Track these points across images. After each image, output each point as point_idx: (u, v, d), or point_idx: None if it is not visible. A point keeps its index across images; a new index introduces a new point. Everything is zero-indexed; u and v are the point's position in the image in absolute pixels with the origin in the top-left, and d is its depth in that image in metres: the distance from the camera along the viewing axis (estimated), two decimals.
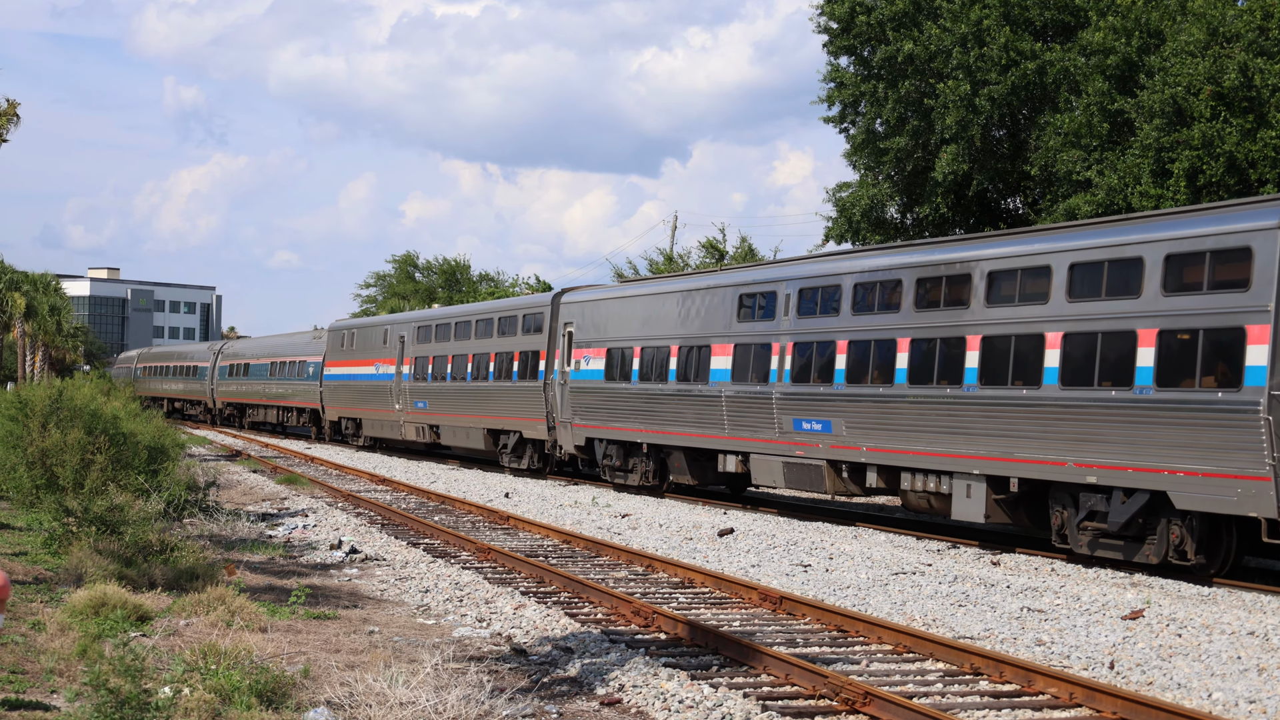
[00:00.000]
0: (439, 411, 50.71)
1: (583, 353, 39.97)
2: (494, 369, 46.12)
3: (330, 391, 63.79)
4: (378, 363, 57.36)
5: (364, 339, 60.21)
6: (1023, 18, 43.45)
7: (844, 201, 48.47)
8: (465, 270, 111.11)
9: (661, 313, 36.38)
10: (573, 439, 40.38)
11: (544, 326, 42.83)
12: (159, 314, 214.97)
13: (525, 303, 46.13)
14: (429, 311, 57.58)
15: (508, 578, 21.77)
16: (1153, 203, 34.81)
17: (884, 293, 28.47)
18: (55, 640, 14.38)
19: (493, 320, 47.42)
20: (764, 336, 31.89)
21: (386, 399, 55.90)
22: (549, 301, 43.15)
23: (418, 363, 53.27)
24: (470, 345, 48.73)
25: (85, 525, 20.70)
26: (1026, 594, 20.55)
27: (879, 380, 28.12)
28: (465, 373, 48.59)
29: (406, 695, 12.36)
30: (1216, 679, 14.89)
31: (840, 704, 13.29)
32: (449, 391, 49.92)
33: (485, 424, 46.59)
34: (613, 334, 38.61)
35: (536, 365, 42.81)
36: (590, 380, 39.33)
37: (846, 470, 29.35)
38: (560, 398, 41.03)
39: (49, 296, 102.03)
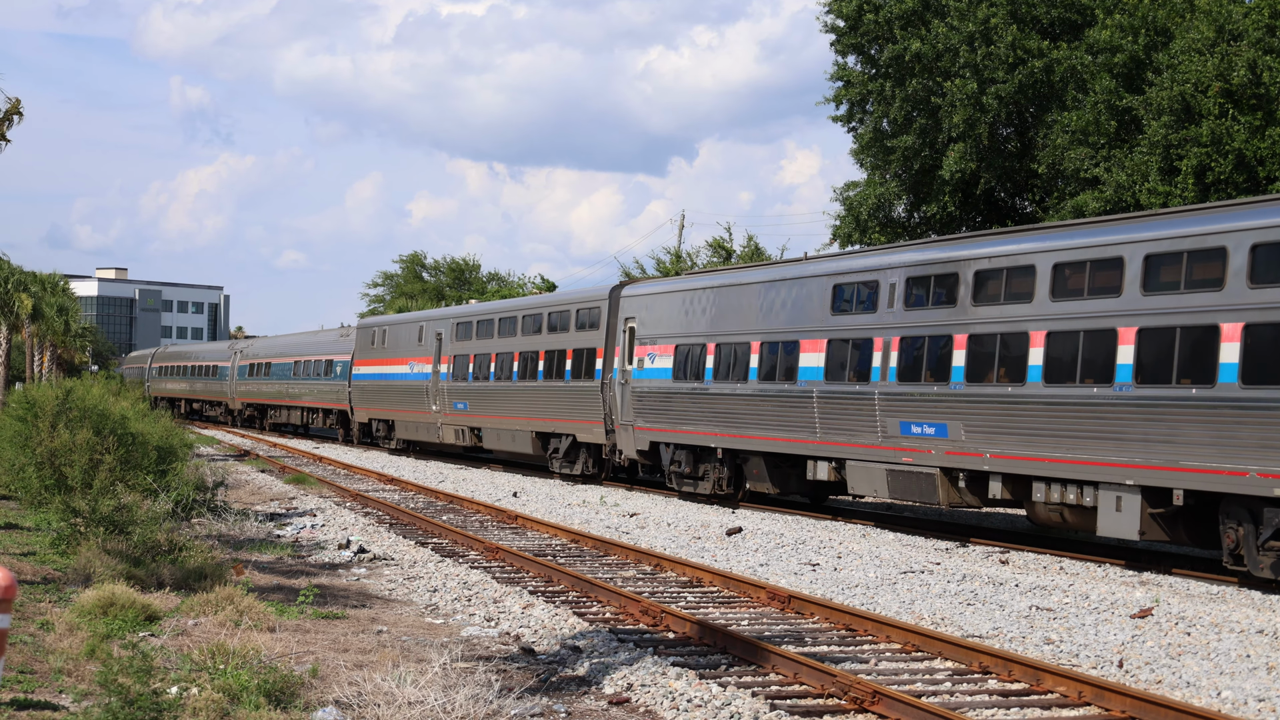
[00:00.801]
0: (481, 413, 47.73)
1: (647, 350, 37.08)
2: (544, 368, 43.25)
3: (360, 392, 60.72)
4: (412, 361, 54.26)
5: (397, 336, 57.00)
6: (1030, 16, 43.46)
7: (851, 200, 48.48)
8: (475, 270, 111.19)
9: (740, 306, 33.42)
10: (635, 443, 37.50)
11: (601, 322, 40.00)
12: (167, 314, 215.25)
13: (579, 296, 43.34)
14: (470, 307, 54.17)
15: (516, 577, 21.75)
16: (1160, 200, 34.78)
17: (1012, 282, 25.60)
18: (63, 640, 14.38)
19: (542, 315, 44.31)
20: (864, 330, 29.00)
21: (422, 400, 52.88)
22: (606, 295, 40.20)
23: (457, 361, 50.12)
24: (516, 342, 45.71)
25: (93, 525, 20.71)
26: (1035, 593, 20.53)
27: (1006, 379, 25.35)
28: (511, 372, 45.63)
29: (415, 694, 12.35)
30: (1226, 677, 14.86)
31: (849, 703, 13.27)
32: (492, 392, 46.95)
33: (533, 427, 43.62)
34: (682, 329, 35.64)
35: (593, 364, 40.08)
36: (656, 380, 36.47)
37: (964, 479, 26.47)
38: (620, 399, 38.22)
39: (57, 297, 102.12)
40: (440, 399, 51.01)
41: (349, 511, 31.58)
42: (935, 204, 45.07)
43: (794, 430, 30.93)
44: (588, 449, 41.02)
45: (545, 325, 43.73)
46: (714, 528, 28.62)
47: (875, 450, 28.55)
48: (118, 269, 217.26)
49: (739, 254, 71.29)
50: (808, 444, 30.58)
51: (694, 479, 35.08)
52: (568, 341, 41.86)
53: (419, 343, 53.80)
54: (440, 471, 46.06)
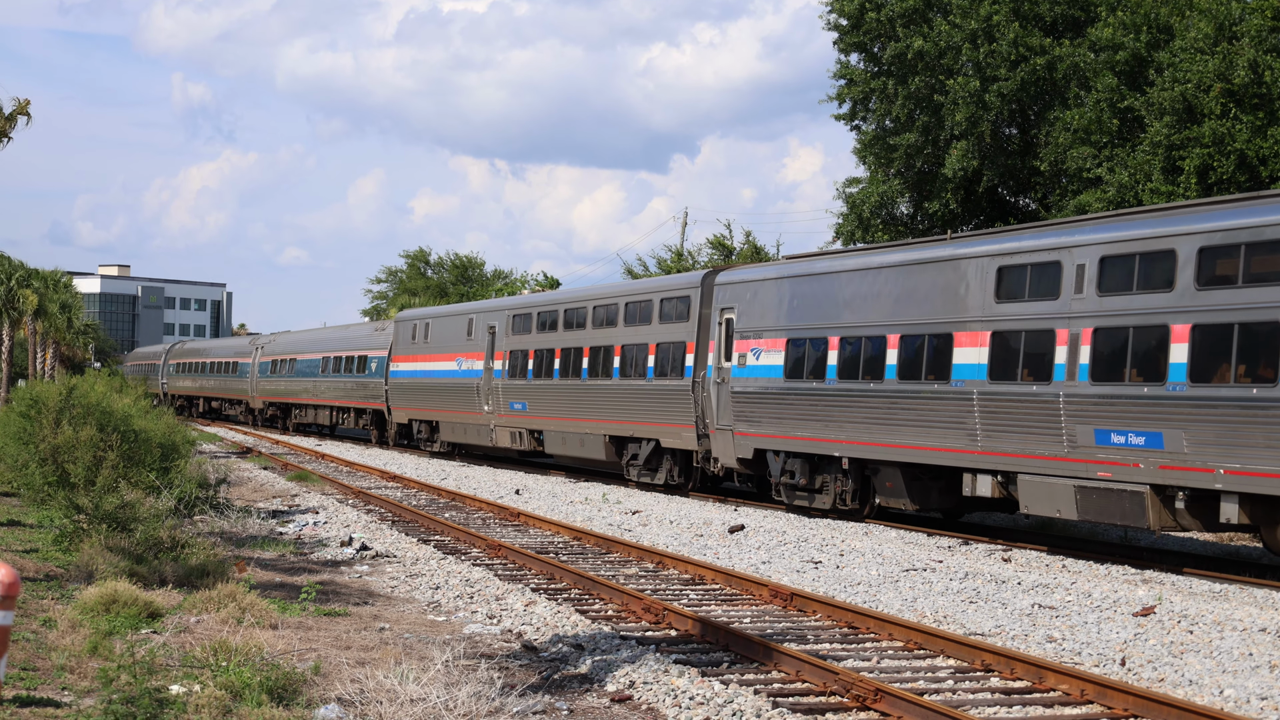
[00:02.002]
0: (543, 414, 43.48)
1: (750, 344, 32.82)
2: (620, 365, 39.02)
3: (398, 390, 56.20)
4: (460, 357, 49.83)
5: (442, 330, 52.47)
6: (1032, 13, 43.45)
7: (854, 198, 48.47)
8: (479, 267, 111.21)
9: (872, 292, 29.27)
10: (735, 450, 33.29)
11: (691, 313, 35.85)
12: (169, 311, 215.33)
13: (663, 285, 39.20)
14: (529, 297, 49.56)
15: (518, 574, 21.76)
16: (1163, 199, 34.77)
17: (1255, 260, 21.31)
18: (66, 637, 14.39)
19: (617, 306, 39.95)
20: (1042, 320, 24.79)
21: (472, 399, 48.41)
22: (698, 282, 35.98)
23: (514, 357, 45.66)
24: (586, 336, 41.30)
25: (96, 522, 20.73)
26: (1038, 591, 20.53)
27: (1248, 378, 21.06)
28: (580, 369, 41.24)
29: (417, 692, 12.36)
30: (1228, 676, 14.86)
31: (851, 701, 13.28)
32: (557, 391, 42.61)
33: (607, 430, 39.43)
34: (795, 320, 31.36)
35: (681, 360, 35.93)
36: (762, 378, 32.22)
37: (1184, 499, 22.25)
38: (716, 400, 34.03)
39: (59, 294, 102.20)
40: (494, 399, 46.90)
41: (351, 509, 31.59)
42: (937, 202, 45.08)
43: (945, 437, 26.86)
44: (673, 456, 37.05)
45: (622, 317, 39.51)
46: (716, 525, 28.62)
47: (1059, 463, 24.29)
48: (120, 266, 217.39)
49: (738, 252, 71.25)
50: (965, 454, 26.39)
51: (809, 491, 31.16)
52: (650, 335, 37.75)
53: (468, 337, 49.62)
54: (442, 469, 46.06)
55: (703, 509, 32.26)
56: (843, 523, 29.62)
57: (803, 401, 30.81)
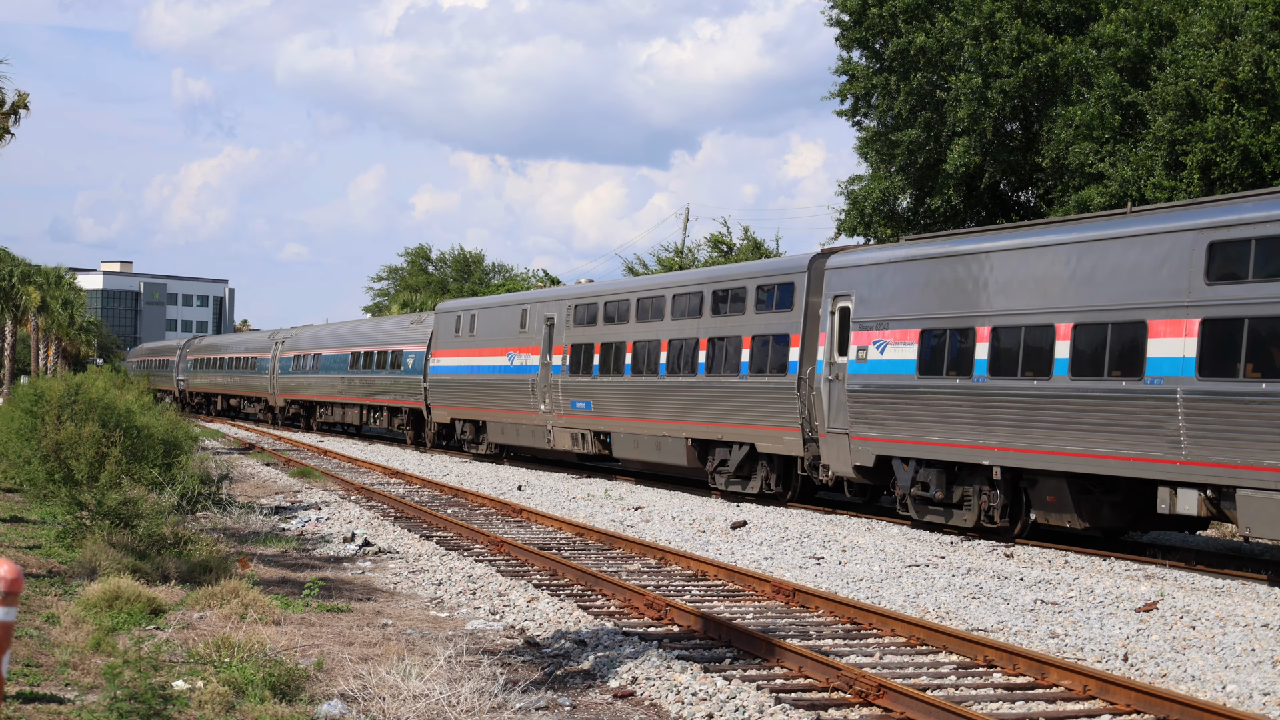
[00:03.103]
0: (610, 415, 39.63)
1: (872, 336, 28.79)
2: (705, 359, 35.04)
3: (439, 388, 51.96)
4: (512, 351, 45.83)
5: (491, 322, 48.41)
6: (1034, 10, 43.45)
7: (856, 195, 48.47)
8: (479, 262, 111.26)
9: (1034, 275, 25.26)
10: (851, 457, 29.11)
11: (796, 301, 31.80)
12: (171, 307, 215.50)
13: (761, 270, 35.10)
14: (594, 286, 45.46)
15: (521, 570, 21.77)
16: (1166, 195, 34.78)
17: None
18: (69, 634, 14.40)
19: (703, 294, 35.83)
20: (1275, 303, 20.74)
21: (526, 397, 44.43)
22: (805, 266, 31.85)
23: (576, 351, 41.75)
24: (664, 328, 37.27)
25: (99, 518, 20.74)
26: (1040, 586, 20.53)
27: None
28: (656, 364, 37.29)
29: (420, 688, 12.36)
30: (1230, 671, 14.86)
31: (854, 696, 13.28)
32: (628, 389, 38.63)
33: (689, 433, 35.52)
34: (933, 308, 27.37)
35: (784, 354, 31.88)
36: (889, 375, 28.23)
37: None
38: (828, 399, 29.91)
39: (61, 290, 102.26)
40: (552, 397, 42.95)
41: (354, 505, 31.60)
42: (939, 198, 45.07)
43: (1134, 444, 22.88)
44: (770, 462, 32.85)
45: (709, 306, 35.40)
46: (719, 521, 28.63)
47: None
48: (123, 262, 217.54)
49: (738, 248, 71.21)
50: (1162, 464, 22.37)
51: (945, 506, 27.31)
52: (744, 326, 33.70)
53: (521, 329, 45.54)
54: (445, 465, 46.03)
55: (705, 505, 32.25)
56: (845, 518, 29.62)
57: (942, 402, 26.91)
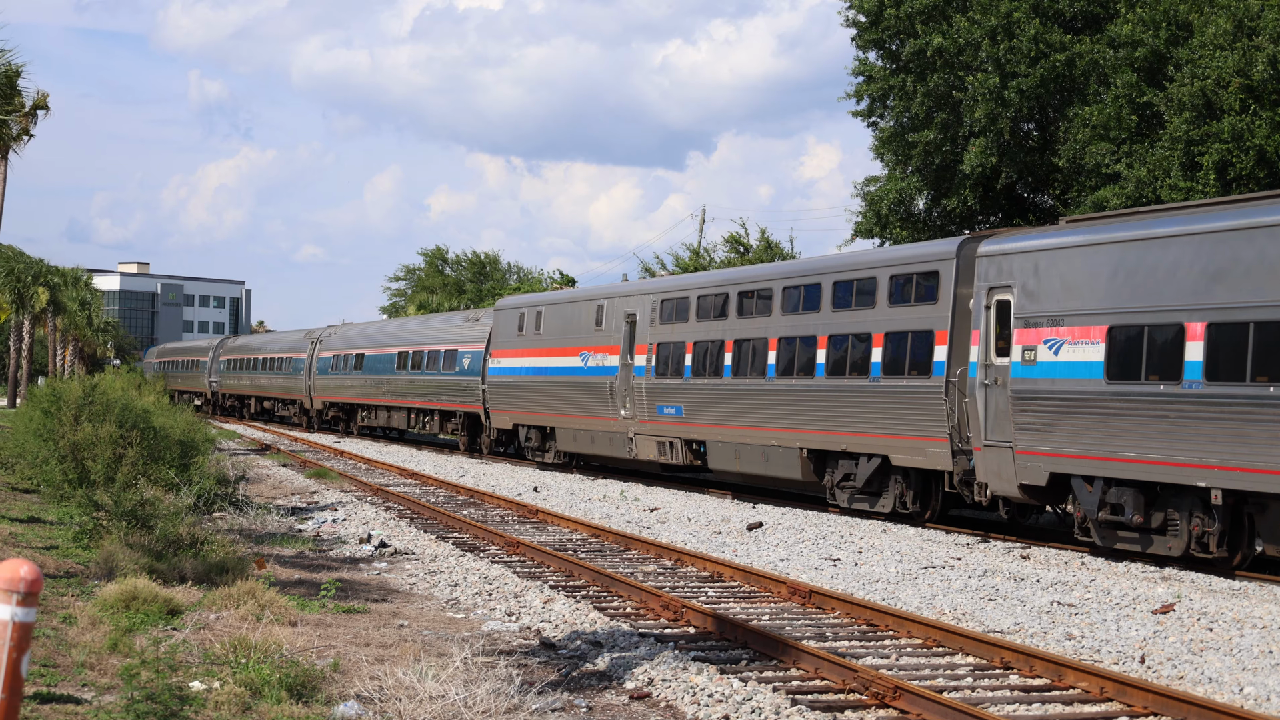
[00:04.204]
0: (705, 421, 35.95)
1: (1043, 333, 25.11)
2: (827, 360, 31.23)
3: (499, 390, 48.31)
4: (586, 351, 42.39)
5: (561, 319, 44.73)
6: (1051, 10, 43.37)
7: (872, 196, 48.43)
8: (495, 264, 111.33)
9: (1267, 259, 21.29)
10: (1017, 473, 25.33)
11: (941, 292, 28.27)
12: (188, 308, 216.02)
13: (895, 257, 31.03)
14: (685, 278, 41.95)
15: (537, 572, 21.77)
16: (1182, 195, 34.72)
17: None
18: (86, 634, 14.43)
19: (820, 286, 32.02)
20: None
21: (603, 402, 41.03)
22: (952, 252, 28.12)
23: (663, 351, 38.13)
24: (772, 324, 33.43)
25: (116, 519, 20.79)
26: (1056, 588, 20.50)
27: None
28: (763, 365, 33.49)
29: (436, 689, 12.37)
30: (1248, 673, 14.83)
31: (870, 698, 13.27)
32: (728, 393, 34.86)
33: (805, 442, 31.80)
34: (1126, 300, 23.56)
35: (927, 354, 28.29)
36: (1067, 379, 24.47)
37: None
38: (985, 406, 26.22)
39: (79, 291, 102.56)
40: (634, 401, 39.36)
41: (370, 506, 31.63)
42: (956, 198, 45.02)
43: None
44: (907, 477, 29.29)
45: (828, 299, 31.59)
46: (735, 523, 28.61)
47: None
48: (140, 263, 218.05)
49: (754, 249, 71.18)
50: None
51: (1143, 531, 23.56)
52: (874, 322, 30.02)
53: (597, 327, 42.04)
54: (461, 466, 46.05)
55: (721, 506, 32.20)
56: (861, 520, 29.56)
57: (1140, 411, 23.25)
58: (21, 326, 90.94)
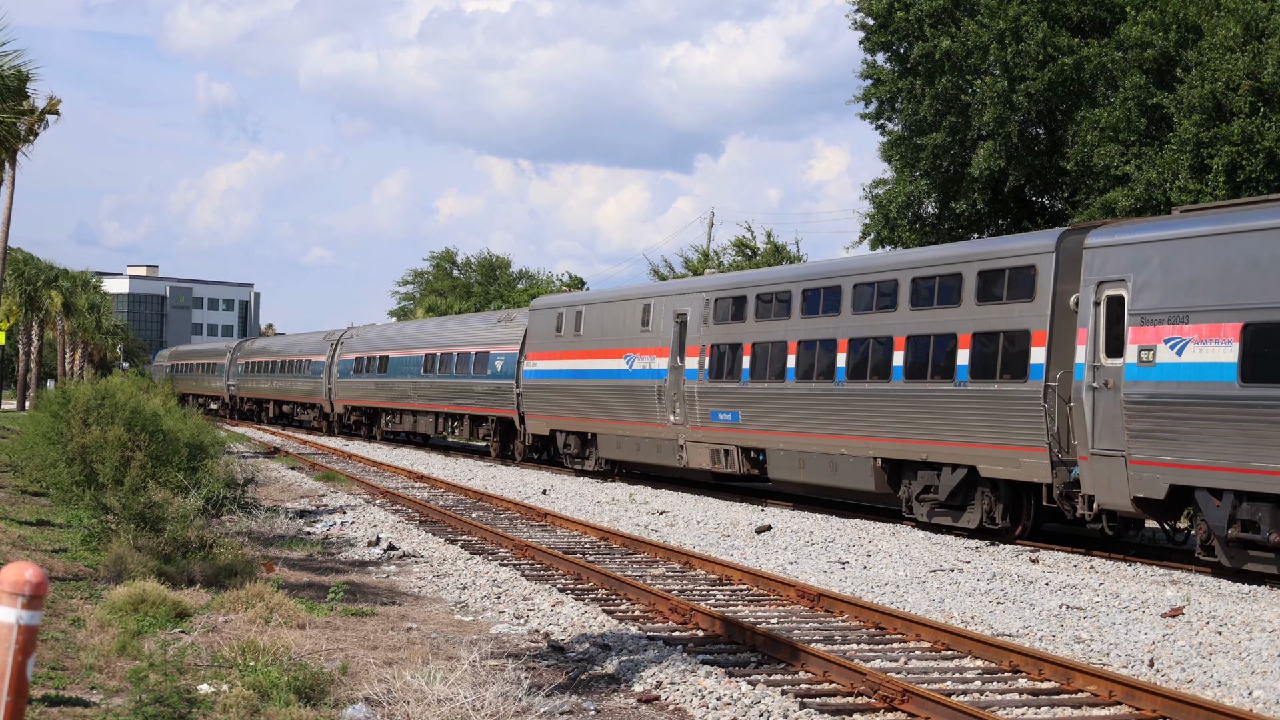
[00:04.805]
0: (765, 428, 33.58)
1: (1162, 332, 22.89)
2: (903, 362, 29.02)
3: (535, 394, 45.87)
4: (631, 353, 40.07)
5: (603, 319, 42.44)
6: (1060, 13, 43.33)
7: (881, 199, 48.40)
8: (505, 267, 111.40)
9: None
10: (1130, 485, 23.03)
11: (1038, 288, 25.96)
12: (197, 311, 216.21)
13: (983, 251, 28.45)
14: (742, 274, 39.33)
15: (545, 574, 21.77)
16: (1191, 198, 34.69)
17: None
18: (94, 637, 14.44)
19: (897, 283, 29.73)
20: None
21: (649, 407, 38.66)
22: (1052, 245, 25.85)
23: (718, 353, 35.76)
24: (842, 324, 31.13)
25: (124, 522, 20.80)
26: (1065, 591, 20.47)
27: None
28: (832, 368, 31.16)
29: (444, 692, 12.37)
30: (1257, 677, 14.81)
31: (878, 701, 13.26)
32: (792, 398, 32.49)
33: (878, 451, 29.58)
34: (1261, 295, 21.24)
35: (1021, 355, 26.08)
36: (1192, 382, 22.18)
37: None
38: (1092, 412, 23.88)
39: (88, 293, 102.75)
40: (684, 406, 37.09)
41: (378, 509, 31.64)
42: (964, 201, 44.99)
43: None
44: (995, 490, 26.99)
45: (906, 296, 29.35)
46: (743, 525, 28.60)
47: None
48: (149, 266, 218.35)
49: (761, 252, 71.16)
50: None
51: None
52: (960, 321, 27.76)
53: (643, 328, 39.80)
54: (469, 469, 46.06)
55: (730, 509, 32.17)
56: (869, 523, 29.53)
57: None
58: (30, 330, 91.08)
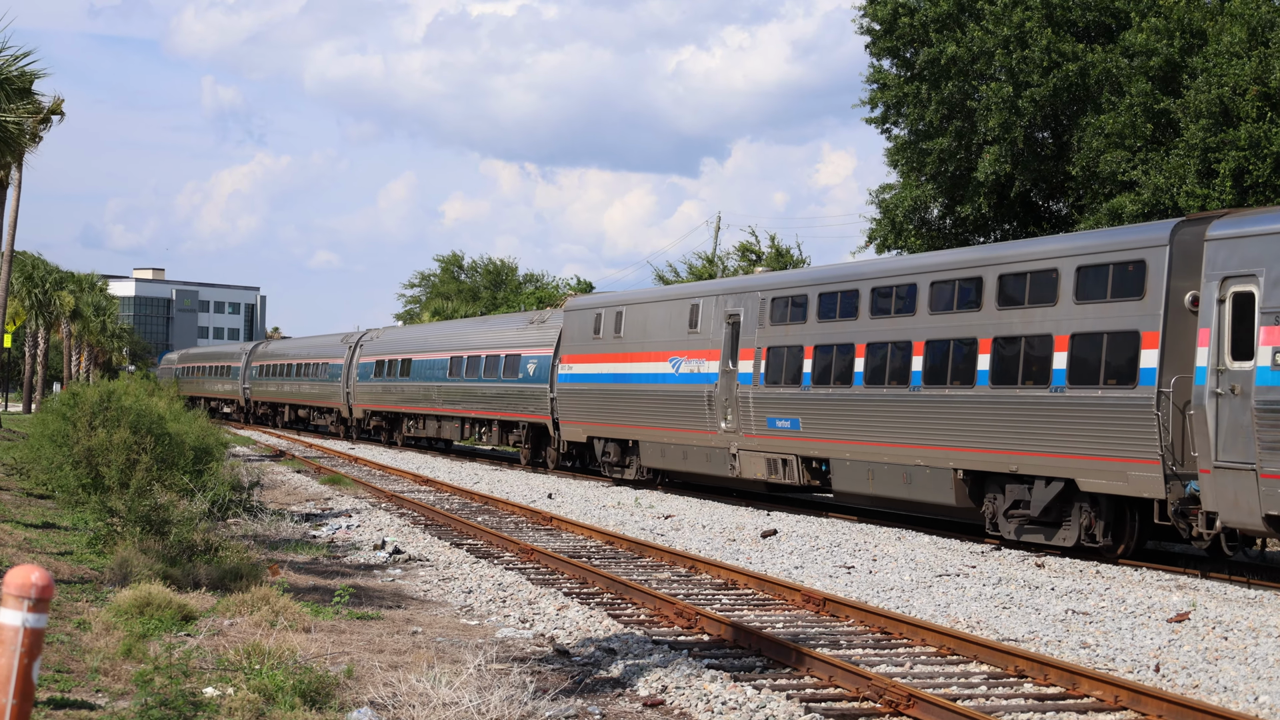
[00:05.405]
0: (830, 436, 31.33)
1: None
2: (990, 366, 26.75)
3: (570, 399, 43.74)
4: (677, 356, 37.81)
5: (644, 321, 40.14)
6: (1065, 19, 43.35)
7: (887, 203, 48.42)
8: (511, 271, 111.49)
9: None
10: (1261, 502, 21.06)
11: (1148, 286, 23.71)
12: (203, 314, 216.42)
13: (1084, 244, 26.08)
14: (802, 272, 37.47)
15: (551, 578, 21.77)
16: (1198, 203, 34.68)
17: None
18: (100, 640, 14.45)
19: (981, 279, 27.44)
20: None
21: (698, 413, 36.46)
22: (1164, 238, 23.59)
23: (775, 356, 33.48)
24: (918, 324, 28.88)
25: (130, 525, 20.81)
26: (1071, 596, 20.45)
27: None
28: (905, 372, 29.02)
29: (450, 696, 12.37)
30: (1263, 682, 14.79)
31: (884, 706, 13.24)
32: (860, 404, 30.35)
33: (960, 461, 27.39)
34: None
35: (1129, 358, 23.82)
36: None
37: None
38: (1216, 421, 21.80)
39: (94, 296, 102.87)
40: (737, 413, 34.86)
41: (384, 512, 31.64)
42: (970, 206, 45.00)
43: None
44: (1094, 505, 24.87)
45: (992, 294, 27.14)
46: (749, 530, 28.59)
47: None
48: (155, 269, 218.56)
49: (766, 257, 71.22)
50: None
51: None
52: (1056, 321, 25.51)
53: (691, 329, 37.48)
54: (475, 473, 46.05)
55: (735, 514, 32.15)
56: (875, 527, 29.50)
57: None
58: (37, 333, 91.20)
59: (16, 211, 46.05)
